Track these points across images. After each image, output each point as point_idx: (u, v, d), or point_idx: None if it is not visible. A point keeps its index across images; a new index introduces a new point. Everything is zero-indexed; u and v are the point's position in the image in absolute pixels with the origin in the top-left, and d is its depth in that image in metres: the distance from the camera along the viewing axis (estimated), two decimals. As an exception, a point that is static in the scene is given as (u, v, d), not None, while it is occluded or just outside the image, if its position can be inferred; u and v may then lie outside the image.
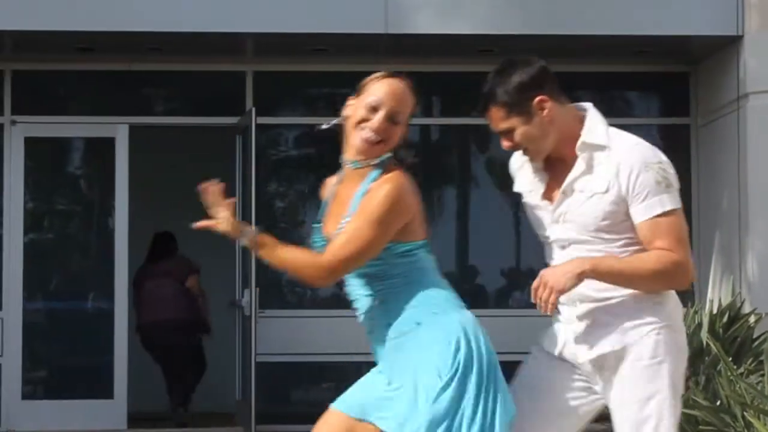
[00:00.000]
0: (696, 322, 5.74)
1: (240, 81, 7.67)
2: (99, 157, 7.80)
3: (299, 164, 8.52)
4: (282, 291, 7.90)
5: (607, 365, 2.43)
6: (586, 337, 2.48)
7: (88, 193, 8.20)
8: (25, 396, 7.12)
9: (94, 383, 7.29)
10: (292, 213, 8.64)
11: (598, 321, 2.47)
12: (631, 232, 2.53)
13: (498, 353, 2.50)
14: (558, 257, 2.60)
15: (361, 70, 7.04)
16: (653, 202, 2.46)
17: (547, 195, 2.61)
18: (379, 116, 2.51)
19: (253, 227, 2.56)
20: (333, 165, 6.18)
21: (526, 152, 2.58)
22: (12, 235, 7.06)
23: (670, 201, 2.48)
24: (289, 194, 8.53)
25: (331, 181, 2.71)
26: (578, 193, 2.53)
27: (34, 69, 7.48)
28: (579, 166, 2.52)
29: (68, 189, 8.36)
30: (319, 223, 2.63)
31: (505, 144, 2.57)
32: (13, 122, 7.33)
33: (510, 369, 2.70)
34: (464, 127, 8.00)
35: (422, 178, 6.59)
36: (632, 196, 2.47)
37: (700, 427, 5.02)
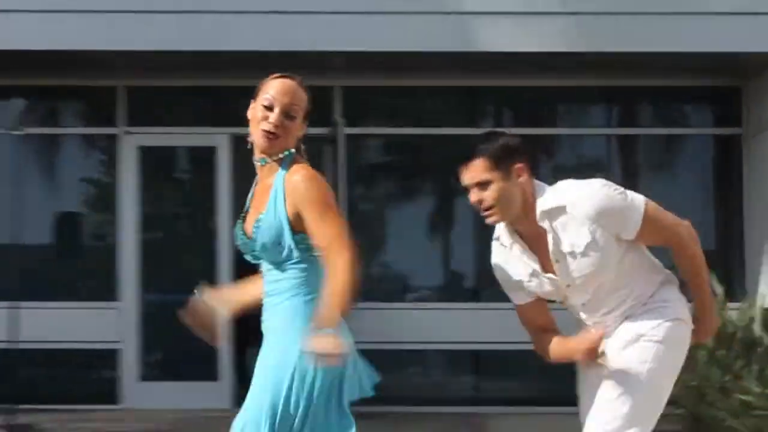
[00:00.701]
0: (749, 316, 6.08)
1: (328, 95, 7.99)
2: (204, 163, 8.23)
3: (384, 171, 8.80)
4: (369, 286, 8.27)
5: None
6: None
7: (194, 196, 8.65)
8: (141, 377, 7.57)
9: (202, 366, 7.69)
10: (378, 216, 8.87)
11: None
12: (626, 244, 2.70)
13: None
14: (585, 314, 2.78)
15: (437, 85, 7.63)
16: (630, 216, 2.62)
17: (547, 270, 2.72)
18: (275, 113, 2.59)
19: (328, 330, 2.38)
20: (416, 171, 6.79)
21: (488, 211, 2.66)
22: (126, 234, 7.52)
23: (637, 203, 2.65)
24: (376, 199, 8.83)
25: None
26: (569, 256, 2.66)
27: (146, 85, 7.94)
28: (550, 233, 2.65)
29: (177, 192, 8.83)
30: (242, 220, 2.71)
31: (474, 198, 2.68)
32: (127, 132, 7.80)
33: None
34: (532, 137, 8.06)
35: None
36: (618, 228, 2.63)
37: (755, 411, 5.54)
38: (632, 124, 8.55)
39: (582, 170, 8.45)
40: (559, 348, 2.75)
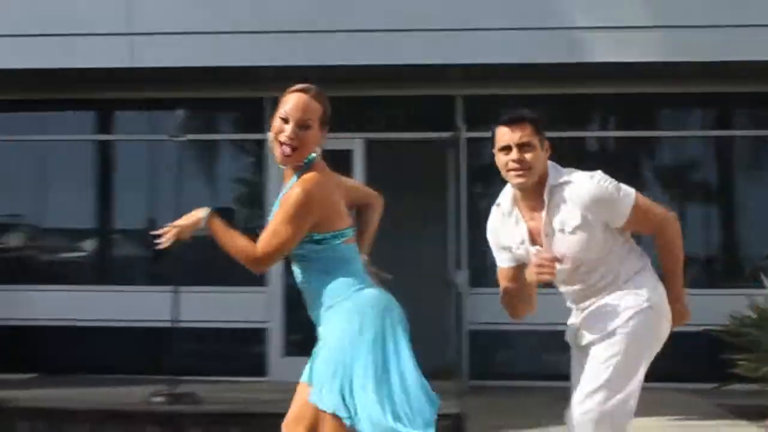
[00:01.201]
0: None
1: (451, 103, 8.64)
2: (342, 164, 8.72)
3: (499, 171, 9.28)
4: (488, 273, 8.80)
5: None
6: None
7: None
8: (285, 353, 8.17)
9: None
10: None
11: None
12: (613, 231, 2.92)
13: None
14: (564, 286, 3.02)
15: (547, 93, 8.30)
16: (620, 208, 2.86)
17: (535, 242, 2.93)
18: (290, 126, 2.72)
19: (208, 208, 2.86)
20: None
21: (522, 172, 2.87)
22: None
23: (628, 196, 2.88)
24: (492, 195, 9.13)
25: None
26: (558, 232, 2.87)
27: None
28: (547, 209, 2.88)
29: None
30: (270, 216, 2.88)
31: (516, 156, 2.86)
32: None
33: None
34: (636, 139, 8.88)
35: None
36: (608, 216, 2.85)
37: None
38: (727, 127, 8.95)
39: (681, 170, 9.09)
40: (521, 285, 3.00)
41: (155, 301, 7.43)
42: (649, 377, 3.05)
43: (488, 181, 9.07)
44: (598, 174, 2.93)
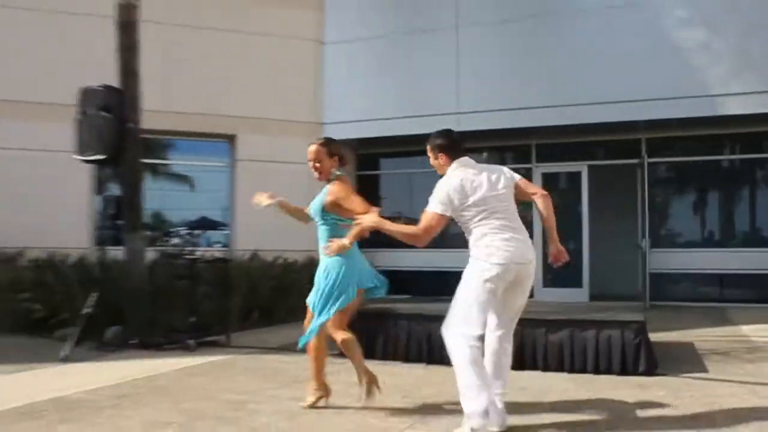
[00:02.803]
0: None
1: (638, 142, 12.25)
2: (575, 182, 12.15)
3: (675, 186, 12.95)
4: (666, 236, 12.69)
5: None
6: None
7: (567, 204, 12.22)
8: (542, 285, 12.13)
9: (572, 278, 11.85)
10: (672, 215, 12.93)
11: None
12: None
13: None
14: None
15: (703, 134, 12.87)
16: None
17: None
18: (311, 165, 4.51)
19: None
20: (698, 188, 12.07)
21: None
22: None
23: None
24: (673, 211, 12.89)
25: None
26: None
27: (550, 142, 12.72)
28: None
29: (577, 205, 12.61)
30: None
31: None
32: (536, 166, 12.56)
33: None
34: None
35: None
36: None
37: None
38: None
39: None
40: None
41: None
42: None
43: (661, 188, 12.98)
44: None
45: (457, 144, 4.18)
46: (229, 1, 13.00)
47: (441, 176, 4.15)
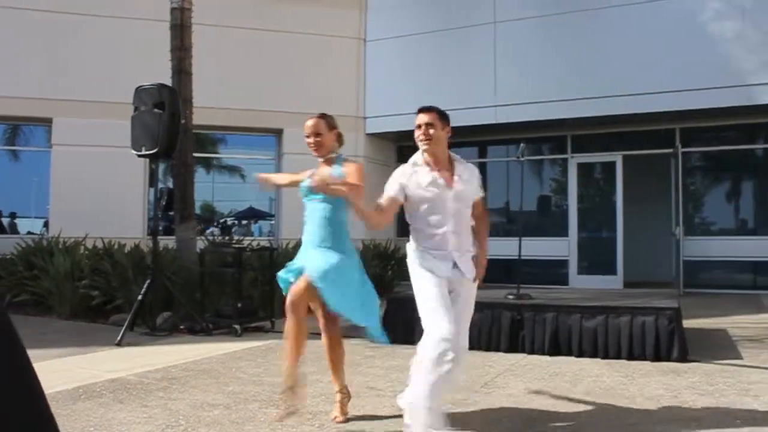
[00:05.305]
0: None
1: (672, 131, 12.05)
2: (609, 171, 12.25)
3: (708, 174, 12.80)
4: (700, 224, 12.49)
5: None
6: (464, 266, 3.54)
7: (603, 193, 12.66)
8: (578, 272, 12.70)
9: (605, 265, 11.94)
10: (707, 202, 12.68)
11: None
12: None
13: None
14: (448, 220, 3.50)
15: (731, 123, 12.53)
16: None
17: (449, 185, 3.50)
18: (310, 140, 3.92)
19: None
20: (732, 176, 11.73)
21: (428, 145, 3.46)
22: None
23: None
24: (707, 200, 12.66)
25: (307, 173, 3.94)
26: (463, 182, 3.54)
27: (588, 132, 12.85)
28: (457, 169, 3.55)
29: (593, 189, 12.93)
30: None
31: (424, 133, 3.48)
32: (572, 156, 12.61)
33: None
34: None
35: None
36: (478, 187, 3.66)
37: None
38: None
39: None
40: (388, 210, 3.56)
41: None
42: None
43: (695, 177, 12.79)
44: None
45: None
46: (275, 3, 13.19)
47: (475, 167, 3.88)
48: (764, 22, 10.92)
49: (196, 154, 9.87)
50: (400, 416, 3.68)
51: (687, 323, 6.27)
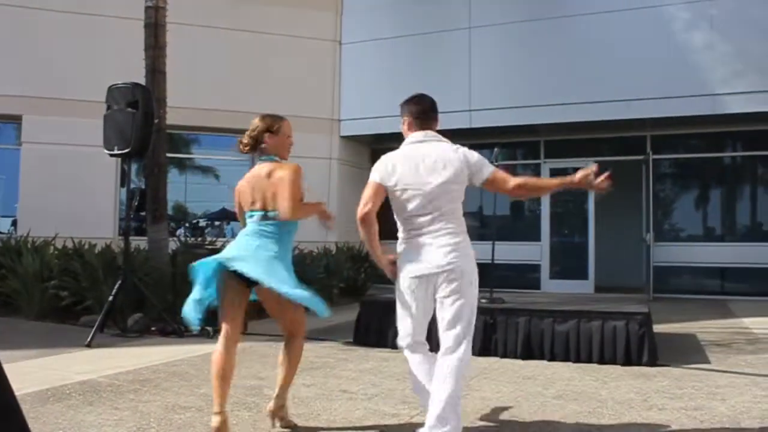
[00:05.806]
0: None
1: (643, 138, 12.32)
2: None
3: (678, 181, 12.89)
4: (670, 230, 12.70)
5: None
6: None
7: (572, 205, 13.38)
8: (550, 277, 13.17)
9: (576, 269, 12.11)
10: (676, 209, 12.96)
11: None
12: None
13: None
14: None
15: (699, 132, 12.65)
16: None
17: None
18: (290, 138, 3.90)
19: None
20: (700, 182, 12.04)
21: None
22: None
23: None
24: (677, 206, 12.77)
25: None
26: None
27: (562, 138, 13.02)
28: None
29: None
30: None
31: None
32: (544, 162, 12.87)
33: None
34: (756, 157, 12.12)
35: None
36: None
37: None
38: None
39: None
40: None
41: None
42: None
43: (665, 184, 13.09)
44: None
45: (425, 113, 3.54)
46: (251, 4, 13.17)
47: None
48: (733, 33, 11.13)
49: (169, 155, 9.79)
50: (373, 419, 3.66)
51: (657, 328, 6.33)
